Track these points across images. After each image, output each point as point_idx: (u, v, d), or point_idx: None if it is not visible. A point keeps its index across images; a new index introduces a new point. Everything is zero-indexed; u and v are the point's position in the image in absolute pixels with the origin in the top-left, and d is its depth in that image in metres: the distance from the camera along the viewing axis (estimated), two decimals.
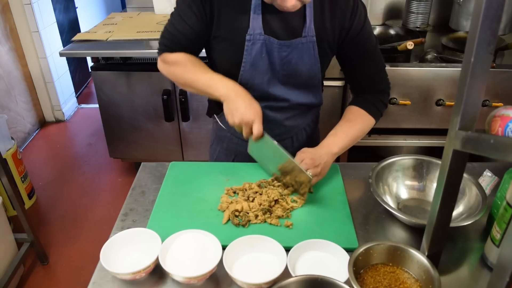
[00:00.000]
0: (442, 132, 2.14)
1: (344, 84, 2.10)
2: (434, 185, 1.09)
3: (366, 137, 2.21)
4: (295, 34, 1.08)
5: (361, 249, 0.82)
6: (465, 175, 1.04)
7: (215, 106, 1.29)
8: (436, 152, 2.28)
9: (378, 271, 0.82)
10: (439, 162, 1.09)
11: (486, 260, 0.91)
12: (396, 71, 1.97)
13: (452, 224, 0.94)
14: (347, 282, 0.77)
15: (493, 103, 1.97)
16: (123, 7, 3.75)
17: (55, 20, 3.34)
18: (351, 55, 1.16)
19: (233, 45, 1.09)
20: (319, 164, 1.07)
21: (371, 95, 1.19)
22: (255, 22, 1.06)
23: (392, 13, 2.54)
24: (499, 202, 0.93)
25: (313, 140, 1.38)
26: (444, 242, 0.79)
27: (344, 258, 0.86)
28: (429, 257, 0.79)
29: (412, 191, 1.11)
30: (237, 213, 1.01)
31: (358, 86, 1.22)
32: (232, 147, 1.32)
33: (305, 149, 1.11)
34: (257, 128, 1.01)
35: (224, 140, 1.33)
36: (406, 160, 1.13)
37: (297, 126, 1.28)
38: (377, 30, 2.30)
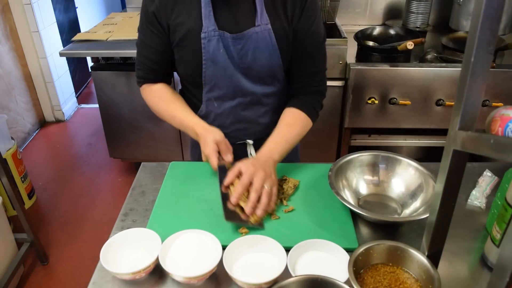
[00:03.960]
0: (442, 132, 2.14)
1: (344, 84, 2.10)
2: (394, 180, 1.10)
3: (366, 137, 2.23)
4: (248, 25, 1.08)
5: (361, 249, 0.82)
6: (424, 170, 1.05)
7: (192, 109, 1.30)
8: (436, 152, 2.29)
9: (378, 271, 0.82)
10: (399, 157, 1.10)
11: (486, 260, 0.91)
12: (396, 71, 1.97)
13: (409, 218, 0.97)
14: (347, 282, 0.77)
15: (493, 103, 1.97)
16: (123, 7, 3.75)
17: (55, 20, 3.34)
18: (296, 47, 1.14)
19: (191, 47, 1.10)
20: (269, 175, 1.01)
21: (309, 95, 1.19)
22: (208, 20, 1.07)
23: (392, 13, 2.54)
24: (499, 202, 0.93)
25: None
26: (444, 242, 0.79)
27: (344, 258, 0.86)
28: (429, 257, 0.79)
29: (372, 187, 1.11)
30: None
31: (297, 83, 1.20)
32: None
33: (243, 164, 1.02)
34: (211, 163, 1.04)
35: None
36: (365, 157, 1.13)
37: (271, 123, 1.26)
38: (377, 30, 2.30)
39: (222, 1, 1.07)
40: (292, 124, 1.15)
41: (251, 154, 1.30)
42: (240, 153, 1.30)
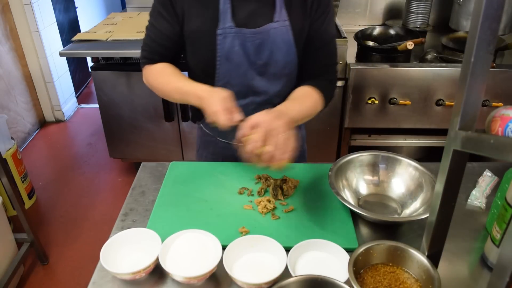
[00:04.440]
0: (442, 132, 2.14)
1: (344, 84, 2.10)
2: (394, 180, 1.10)
3: (366, 137, 2.23)
4: (266, 20, 1.08)
5: (361, 249, 0.82)
6: (424, 170, 1.05)
7: (198, 112, 1.29)
8: (436, 152, 2.29)
9: (378, 271, 0.82)
10: (399, 157, 1.10)
11: (486, 260, 0.91)
12: (396, 71, 1.97)
13: (409, 218, 0.96)
14: (347, 282, 0.77)
15: (493, 103, 1.97)
16: (123, 7, 3.74)
17: (55, 20, 3.33)
18: (310, 39, 1.14)
19: (206, 42, 1.08)
20: (285, 122, 0.92)
21: (322, 81, 1.16)
22: (225, 16, 1.05)
23: (392, 13, 2.54)
24: (499, 202, 0.93)
25: (298, 140, 1.37)
26: (444, 242, 0.79)
27: (344, 258, 0.86)
28: (429, 257, 0.79)
29: (372, 187, 1.11)
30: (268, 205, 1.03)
31: (309, 73, 1.18)
32: (219, 151, 1.32)
33: (258, 115, 0.92)
34: (221, 121, 0.94)
35: (210, 145, 1.33)
36: (365, 157, 1.13)
37: None
38: (377, 30, 2.30)
39: None
40: (305, 96, 1.11)
41: None
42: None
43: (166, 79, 1.13)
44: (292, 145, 0.91)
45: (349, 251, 0.85)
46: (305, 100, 1.11)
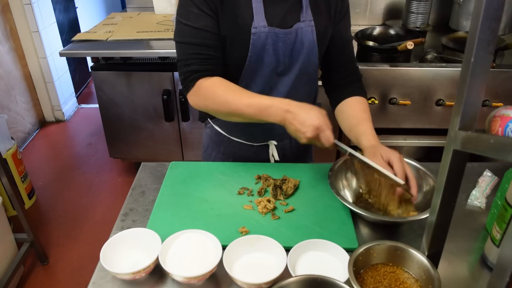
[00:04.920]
0: (442, 132, 2.13)
1: None
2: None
3: None
4: (294, 20, 1.08)
5: (361, 249, 0.82)
6: (424, 170, 1.05)
7: None
8: (436, 152, 2.28)
9: (378, 271, 0.82)
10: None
11: (486, 260, 0.91)
12: (396, 71, 1.97)
13: (409, 218, 0.95)
14: (347, 282, 0.77)
15: (493, 103, 1.97)
16: (123, 7, 3.74)
17: (55, 20, 3.33)
18: (333, 39, 1.16)
19: (238, 40, 1.06)
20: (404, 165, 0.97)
21: (354, 84, 1.19)
22: (258, 14, 1.04)
23: (392, 13, 2.54)
24: (499, 202, 0.93)
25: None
26: (444, 242, 0.79)
27: (344, 258, 0.86)
28: (429, 257, 0.79)
29: None
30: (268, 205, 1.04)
31: (341, 73, 1.20)
32: (230, 150, 1.31)
33: (376, 151, 1.00)
34: (326, 138, 0.95)
35: (221, 144, 1.31)
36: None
37: None
38: (377, 30, 2.30)
39: None
40: (363, 110, 1.14)
41: (272, 155, 1.28)
42: (262, 155, 1.29)
43: (236, 95, 1.01)
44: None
45: (349, 251, 0.85)
46: (367, 115, 1.13)
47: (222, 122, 1.27)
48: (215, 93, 1.03)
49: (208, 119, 1.31)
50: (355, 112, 1.13)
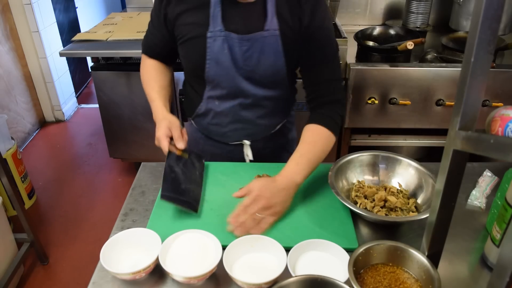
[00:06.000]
0: (442, 132, 2.14)
1: (344, 84, 2.09)
2: (394, 180, 1.10)
3: (366, 137, 2.23)
4: (257, 28, 1.08)
5: (361, 249, 0.82)
6: (424, 170, 1.05)
7: (189, 108, 1.31)
8: (436, 152, 2.29)
9: (378, 271, 0.82)
10: (399, 157, 1.10)
11: (486, 260, 0.91)
12: (396, 71, 1.97)
13: (409, 218, 0.95)
14: (347, 282, 0.77)
15: (493, 103, 1.97)
16: (123, 7, 3.75)
17: (55, 20, 3.33)
18: (309, 55, 1.11)
19: (197, 45, 1.10)
20: (272, 206, 0.98)
21: (327, 107, 1.12)
22: (215, 20, 1.07)
23: (392, 13, 2.54)
24: (499, 202, 0.93)
25: (289, 142, 1.38)
26: (444, 242, 0.79)
27: (344, 258, 0.86)
28: (429, 257, 0.79)
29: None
30: None
31: (315, 92, 1.14)
32: (208, 149, 1.33)
33: (257, 184, 1.00)
34: (162, 147, 1.10)
35: (199, 141, 1.35)
36: (365, 157, 1.13)
37: (270, 126, 1.28)
38: (377, 30, 2.30)
39: (232, 3, 1.06)
40: (314, 141, 1.09)
41: (247, 155, 1.30)
42: (236, 154, 1.30)
43: (146, 81, 1.24)
44: (259, 227, 0.97)
45: (349, 251, 0.85)
46: (315, 146, 1.08)
47: (198, 120, 1.29)
48: (142, 72, 1.28)
49: (188, 117, 1.34)
50: (302, 139, 1.10)
